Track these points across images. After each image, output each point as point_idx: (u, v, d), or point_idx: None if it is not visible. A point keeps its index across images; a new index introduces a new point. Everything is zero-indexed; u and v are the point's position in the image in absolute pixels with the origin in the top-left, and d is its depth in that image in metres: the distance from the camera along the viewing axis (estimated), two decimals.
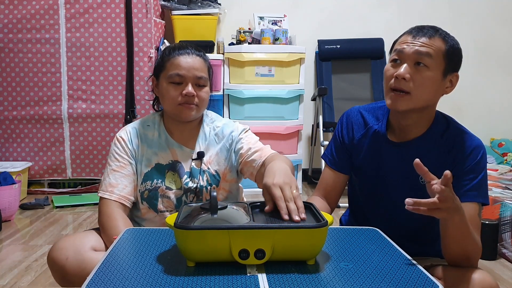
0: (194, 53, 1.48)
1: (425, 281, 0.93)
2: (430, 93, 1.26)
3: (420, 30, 1.27)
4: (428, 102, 1.28)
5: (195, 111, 1.48)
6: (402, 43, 1.28)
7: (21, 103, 3.41)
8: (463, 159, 1.27)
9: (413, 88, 1.24)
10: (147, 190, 1.49)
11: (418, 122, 1.32)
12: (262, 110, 3.53)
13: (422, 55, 1.24)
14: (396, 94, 1.26)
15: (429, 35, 1.26)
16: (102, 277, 0.93)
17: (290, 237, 0.97)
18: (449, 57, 1.26)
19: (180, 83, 1.45)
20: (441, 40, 1.26)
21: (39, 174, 3.48)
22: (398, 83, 1.25)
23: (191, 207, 1.11)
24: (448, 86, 1.30)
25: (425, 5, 4.03)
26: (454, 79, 1.30)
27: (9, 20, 3.36)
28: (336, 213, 2.98)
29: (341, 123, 1.48)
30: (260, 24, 3.80)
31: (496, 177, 3.06)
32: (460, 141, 1.29)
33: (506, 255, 2.25)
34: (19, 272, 2.05)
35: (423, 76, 1.24)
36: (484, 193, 1.26)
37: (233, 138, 1.55)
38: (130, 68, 3.39)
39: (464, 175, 1.26)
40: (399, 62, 1.27)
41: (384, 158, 1.37)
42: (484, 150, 1.29)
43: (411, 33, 1.28)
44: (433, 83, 1.25)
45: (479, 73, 4.12)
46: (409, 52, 1.25)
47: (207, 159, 1.53)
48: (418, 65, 1.24)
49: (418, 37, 1.26)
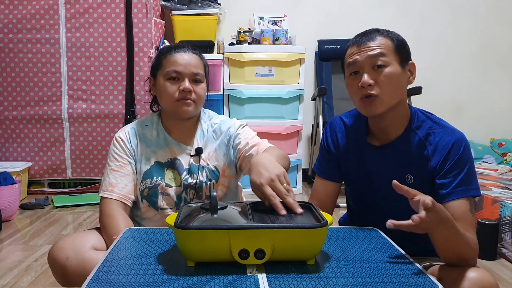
0: (190, 51, 1.52)
1: (425, 281, 0.93)
2: (397, 87, 1.29)
3: (362, 37, 1.31)
4: (399, 97, 1.30)
5: (192, 107, 1.49)
6: (352, 55, 1.31)
7: (21, 103, 3.41)
8: (445, 156, 1.27)
9: (380, 89, 1.27)
10: (147, 188, 1.50)
11: (395, 121, 1.33)
12: (262, 110, 3.53)
13: (376, 57, 1.27)
14: (368, 100, 1.28)
15: (372, 38, 1.29)
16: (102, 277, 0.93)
17: (290, 237, 0.97)
18: (399, 49, 1.29)
19: (177, 78, 1.47)
20: (385, 37, 1.30)
21: (39, 174, 3.48)
22: (365, 91, 1.28)
23: (191, 207, 1.11)
24: (410, 75, 1.34)
25: (425, 5, 4.03)
26: (412, 67, 1.34)
27: (9, 20, 3.36)
28: (336, 213, 2.98)
29: (326, 133, 1.50)
30: (260, 24, 3.80)
31: (496, 177, 3.06)
32: (440, 138, 1.30)
33: (506, 255, 2.25)
34: (19, 272, 2.05)
35: (386, 75, 1.27)
36: (473, 185, 1.26)
37: (230, 134, 1.57)
38: (130, 68, 3.39)
39: (448, 172, 1.26)
40: (358, 73, 1.30)
41: (369, 162, 1.38)
42: (465, 143, 1.29)
43: (355, 43, 1.32)
44: (396, 77, 1.28)
45: (479, 73, 4.12)
46: (362, 60, 1.28)
47: (206, 156, 1.54)
48: (378, 67, 1.27)
49: (364, 44, 1.29)
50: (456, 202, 1.23)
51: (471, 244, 1.17)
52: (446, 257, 1.17)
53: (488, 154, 3.79)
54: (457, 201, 1.23)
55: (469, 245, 1.16)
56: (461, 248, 1.15)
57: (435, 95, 3.97)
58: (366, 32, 1.33)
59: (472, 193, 1.26)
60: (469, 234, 1.18)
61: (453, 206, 1.23)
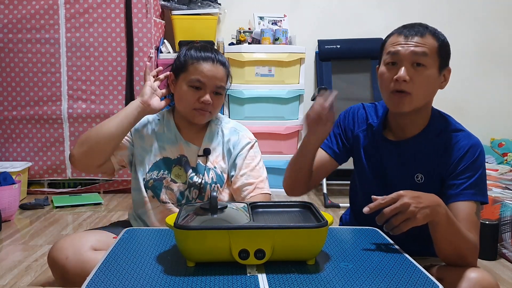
0: (219, 62, 1.52)
1: (425, 281, 0.93)
2: (430, 91, 1.28)
3: (411, 29, 1.27)
4: (427, 99, 1.29)
5: (207, 116, 1.53)
6: (395, 44, 1.27)
7: (21, 103, 3.41)
8: (460, 158, 1.27)
9: (414, 88, 1.24)
10: (152, 179, 1.51)
11: (416, 121, 1.33)
12: (262, 110, 3.53)
13: (419, 55, 1.24)
14: (399, 96, 1.26)
15: (420, 33, 1.26)
16: (102, 277, 0.93)
17: (290, 237, 0.97)
18: (441, 53, 1.28)
19: (199, 88, 1.48)
20: (432, 37, 1.27)
21: (39, 174, 3.48)
22: (399, 86, 1.25)
23: (191, 207, 1.11)
24: (443, 81, 1.33)
25: (424, 5, 4.03)
26: (447, 73, 1.33)
27: (9, 20, 3.36)
28: (336, 213, 2.98)
29: (345, 114, 1.48)
30: (260, 24, 3.80)
31: (496, 177, 3.06)
32: (457, 140, 1.29)
33: (506, 255, 2.25)
34: (19, 272, 2.05)
35: (423, 76, 1.24)
36: (482, 191, 1.26)
37: (234, 147, 1.57)
38: (130, 68, 3.39)
39: (460, 174, 1.26)
40: (396, 64, 1.26)
41: (382, 156, 1.37)
42: (481, 149, 1.29)
43: (401, 33, 1.27)
44: (432, 81, 1.26)
45: (479, 73, 4.12)
46: (405, 53, 1.24)
47: (214, 158, 1.55)
48: (417, 65, 1.24)
49: (411, 37, 1.25)
50: (462, 203, 1.22)
51: (471, 244, 1.17)
52: (445, 253, 1.17)
53: (488, 154, 3.78)
54: (464, 203, 1.23)
55: (469, 242, 1.16)
56: (460, 243, 1.14)
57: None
58: (414, 24, 1.29)
59: (480, 198, 1.25)
60: (471, 234, 1.18)
61: (458, 207, 1.22)
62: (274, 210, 1.13)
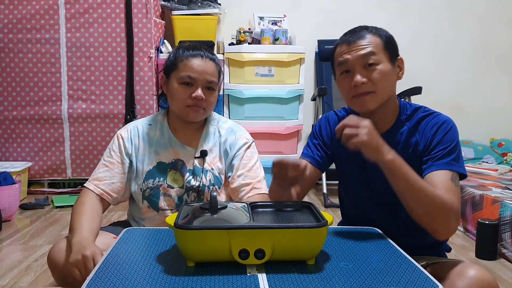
0: (208, 57, 1.50)
1: (425, 281, 0.93)
2: (389, 84, 1.31)
3: (352, 35, 1.31)
4: (390, 93, 1.33)
5: (202, 113, 1.50)
6: (342, 53, 1.32)
7: (21, 103, 3.41)
8: (432, 135, 1.30)
9: (374, 86, 1.28)
10: (148, 188, 1.50)
11: (385, 116, 1.35)
12: (262, 110, 3.53)
13: (367, 56, 1.28)
14: (361, 96, 1.29)
15: (361, 36, 1.30)
16: (102, 277, 0.93)
17: (290, 237, 0.97)
18: (388, 47, 1.31)
19: (190, 84, 1.46)
20: (374, 35, 1.31)
21: (39, 174, 3.48)
22: (360, 89, 1.29)
23: (191, 207, 1.11)
24: (399, 71, 1.36)
25: (424, 5, 4.03)
26: (400, 63, 1.36)
27: (9, 20, 3.36)
28: (336, 213, 2.98)
29: (320, 125, 1.50)
30: (260, 24, 3.80)
31: (496, 177, 3.06)
32: (429, 121, 1.33)
33: (506, 255, 2.25)
34: (19, 272, 2.05)
35: (378, 73, 1.28)
36: (456, 161, 1.26)
37: (231, 147, 1.56)
38: (130, 68, 3.39)
39: (433, 149, 1.28)
40: (349, 72, 1.31)
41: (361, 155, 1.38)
42: (453, 124, 1.31)
43: (345, 41, 1.33)
44: (388, 74, 1.30)
45: (479, 73, 4.12)
46: (353, 59, 1.29)
47: (211, 160, 1.54)
48: (369, 66, 1.28)
49: (354, 43, 1.30)
50: (436, 173, 1.23)
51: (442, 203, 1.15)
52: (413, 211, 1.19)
53: (488, 154, 3.78)
54: (437, 172, 1.24)
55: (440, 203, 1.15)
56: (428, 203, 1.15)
57: (435, 95, 3.96)
58: (354, 30, 1.34)
59: (456, 168, 1.25)
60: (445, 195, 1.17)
61: (431, 175, 1.23)
62: (274, 210, 1.13)
